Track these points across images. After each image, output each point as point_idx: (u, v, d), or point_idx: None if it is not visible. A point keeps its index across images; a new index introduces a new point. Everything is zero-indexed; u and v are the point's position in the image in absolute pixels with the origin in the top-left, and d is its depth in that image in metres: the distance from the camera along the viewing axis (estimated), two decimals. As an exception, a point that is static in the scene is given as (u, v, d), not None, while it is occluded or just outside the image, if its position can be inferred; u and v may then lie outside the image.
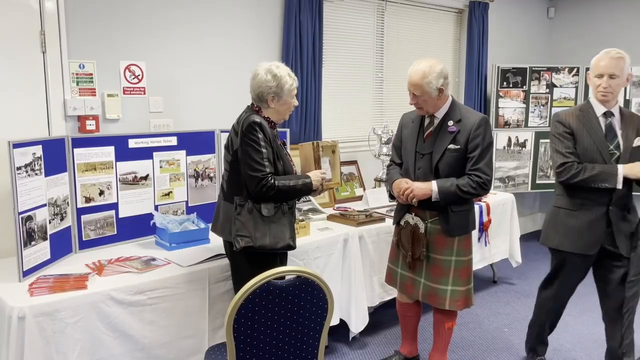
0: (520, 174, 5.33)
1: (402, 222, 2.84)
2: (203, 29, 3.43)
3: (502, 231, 4.21)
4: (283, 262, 2.60)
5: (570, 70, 5.31)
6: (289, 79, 2.41)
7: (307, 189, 2.45)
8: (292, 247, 2.42)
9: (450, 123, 2.67)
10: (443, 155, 2.65)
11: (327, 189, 2.73)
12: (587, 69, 5.17)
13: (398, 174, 2.86)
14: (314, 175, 2.49)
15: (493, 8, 5.22)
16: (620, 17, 5.52)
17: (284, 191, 2.35)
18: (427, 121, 2.77)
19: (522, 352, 3.34)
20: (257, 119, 2.32)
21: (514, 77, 5.26)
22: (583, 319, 3.83)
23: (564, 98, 5.34)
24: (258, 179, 2.28)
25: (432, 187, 2.63)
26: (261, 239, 2.32)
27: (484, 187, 2.64)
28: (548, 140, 5.31)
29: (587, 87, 5.27)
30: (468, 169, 2.64)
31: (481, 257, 3.99)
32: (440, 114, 2.71)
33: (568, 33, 5.95)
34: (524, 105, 5.31)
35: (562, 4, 5.96)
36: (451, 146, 2.64)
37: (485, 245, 4.02)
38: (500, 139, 5.22)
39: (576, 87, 5.32)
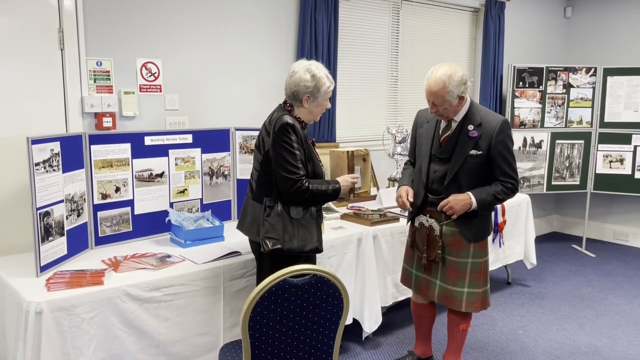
0: (535, 174, 5.27)
1: (416, 224, 2.82)
2: (219, 28, 3.44)
3: (517, 232, 4.17)
4: (308, 263, 2.60)
5: (588, 70, 5.25)
6: (327, 81, 2.38)
7: (336, 195, 2.45)
8: (319, 250, 2.42)
9: (471, 127, 2.61)
10: (465, 161, 2.61)
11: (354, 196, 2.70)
12: (605, 70, 5.17)
13: (407, 178, 2.84)
14: (344, 181, 2.48)
15: (509, 7, 5.17)
16: (639, 16, 5.45)
17: (316, 195, 2.35)
18: (443, 123, 2.71)
19: (536, 354, 3.31)
20: (290, 120, 2.30)
21: (530, 77, 5.21)
22: (600, 322, 3.78)
23: (581, 99, 5.28)
24: (292, 181, 2.28)
25: (471, 201, 2.59)
26: (290, 241, 2.32)
27: (514, 191, 2.66)
28: (564, 141, 5.29)
29: (604, 87, 5.21)
30: (498, 176, 2.62)
31: (495, 258, 3.95)
32: (458, 117, 2.65)
33: (585, 33, 5.88)
34: (540, 106, 5.25)
35: (579, 4, 5.89)
36: (473, 152, 2.60)
37: (500, 246, 3.98)
38: (515, 139, 5.11)
39: (593, 88, 5.26)
